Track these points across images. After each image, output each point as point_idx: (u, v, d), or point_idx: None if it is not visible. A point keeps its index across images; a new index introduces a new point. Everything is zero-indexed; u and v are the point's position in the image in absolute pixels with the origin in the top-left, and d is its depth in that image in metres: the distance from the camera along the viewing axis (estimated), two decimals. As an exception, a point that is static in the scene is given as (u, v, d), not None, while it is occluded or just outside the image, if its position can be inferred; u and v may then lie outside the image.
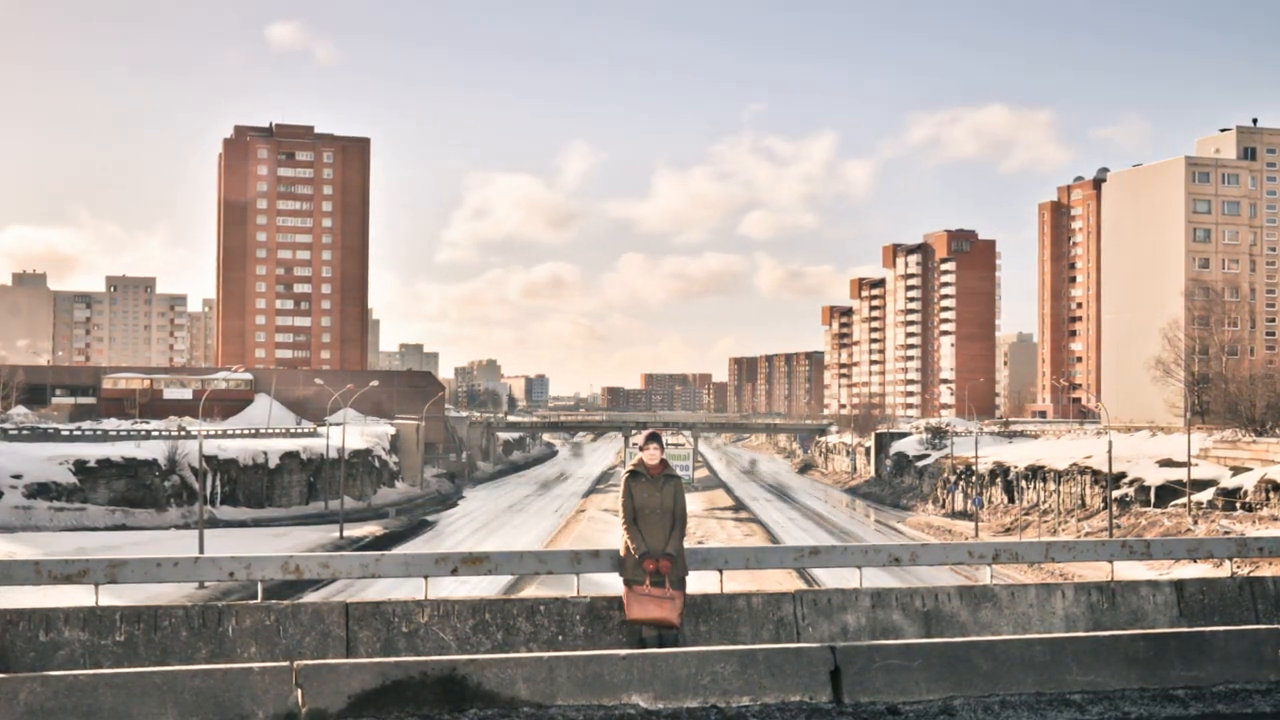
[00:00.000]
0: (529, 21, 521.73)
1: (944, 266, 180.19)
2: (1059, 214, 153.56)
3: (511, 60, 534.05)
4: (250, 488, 78.28)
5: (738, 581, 30.43)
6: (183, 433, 79.62)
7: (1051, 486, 73.68)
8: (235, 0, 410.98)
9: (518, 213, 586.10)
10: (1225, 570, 13.60)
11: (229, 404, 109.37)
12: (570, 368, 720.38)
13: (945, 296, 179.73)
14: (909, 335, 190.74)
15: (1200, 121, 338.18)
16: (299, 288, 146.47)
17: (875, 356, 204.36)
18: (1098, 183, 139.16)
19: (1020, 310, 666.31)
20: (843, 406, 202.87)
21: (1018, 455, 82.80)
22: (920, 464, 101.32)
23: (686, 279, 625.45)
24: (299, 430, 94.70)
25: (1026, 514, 74.64)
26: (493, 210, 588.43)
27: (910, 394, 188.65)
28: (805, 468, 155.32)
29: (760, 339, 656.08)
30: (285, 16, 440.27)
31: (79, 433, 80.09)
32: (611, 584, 10.04)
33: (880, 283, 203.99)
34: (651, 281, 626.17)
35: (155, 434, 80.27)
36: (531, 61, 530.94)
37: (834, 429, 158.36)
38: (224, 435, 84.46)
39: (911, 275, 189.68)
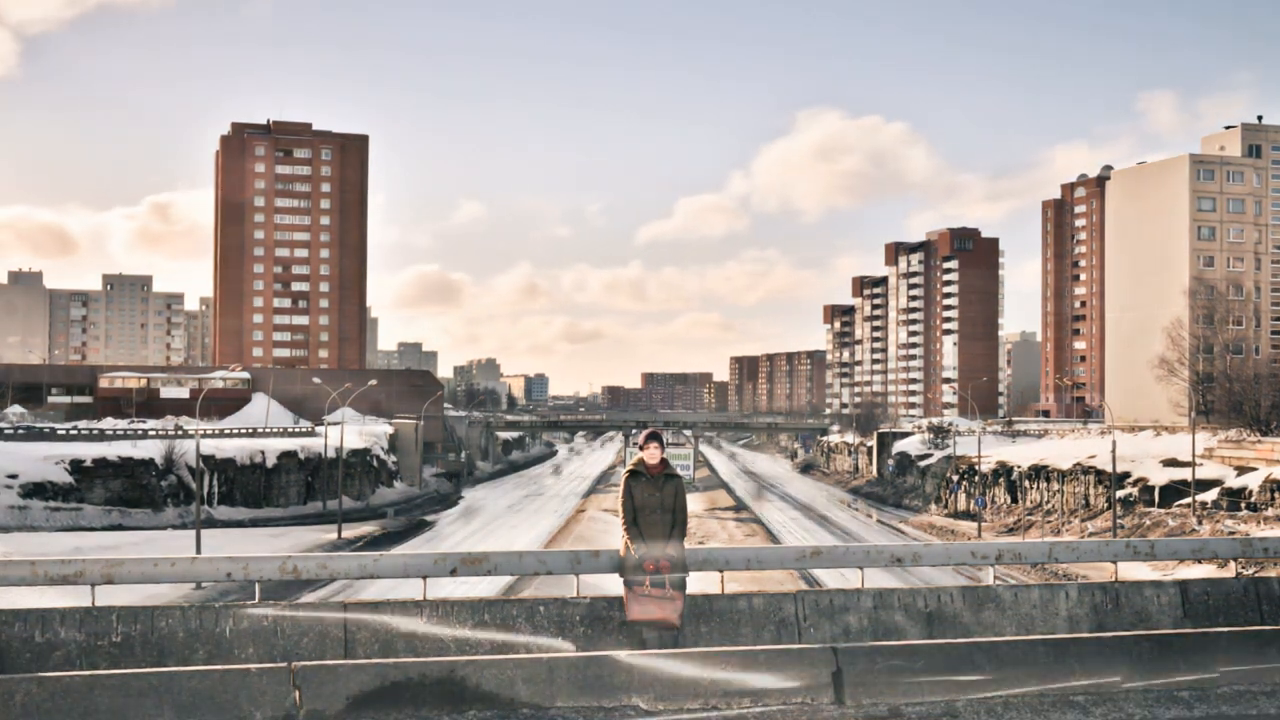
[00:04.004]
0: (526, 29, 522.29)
1: (946, 265, 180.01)
2: (1062, 212, 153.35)
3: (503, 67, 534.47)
4: (248, 487, 78.12)
5: (739, 582, 30.36)
6: (179, 432, 79.51)
7: (1055, 486, 73.59)
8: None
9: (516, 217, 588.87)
10: (1230, 571, 13.55)
11: (226, 403, 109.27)
12: (570, 367, 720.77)
13: (948, 295, 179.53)
14: (911, 334, 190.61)
15: (1204, 119, 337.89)
16: (297, 286, 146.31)
17: (877, 356, 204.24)
18: (1101, 180, 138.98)
19: (1023, 309, 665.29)
20: (844, 406, 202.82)
21: (1021, 455, 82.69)
22: (923, 464, 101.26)
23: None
24: (297, 430, 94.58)
25: (1030, 514, 74.54)
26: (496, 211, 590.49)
27: (912, 393, 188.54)
28: (807, 467, 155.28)
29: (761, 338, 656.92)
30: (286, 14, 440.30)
31: (75, 432, 79.86)
32: (611, 584, 9.99)
33: (882, 281, 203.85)
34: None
35: (152, 433, 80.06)
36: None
37: (836, 428, 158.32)
38: (221, 435, 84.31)
39: (914, 274, 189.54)
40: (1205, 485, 58.73)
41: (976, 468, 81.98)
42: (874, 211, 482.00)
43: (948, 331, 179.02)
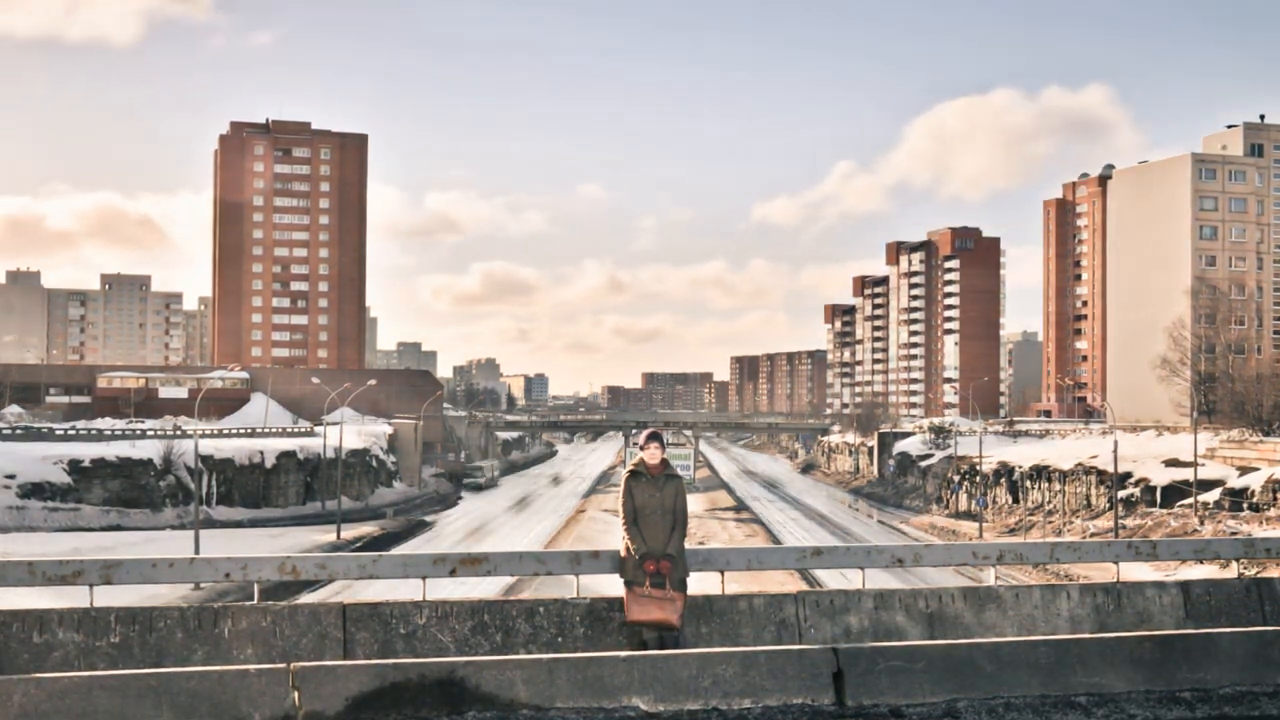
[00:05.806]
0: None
1: (947, 264, 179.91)
2: (1064, 211, 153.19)
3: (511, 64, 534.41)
4: (246, 488, 78.06)
5: (739, 582, 30.36)
6: (178, 432, 79.50)
7: (1056, 487, 73.58)
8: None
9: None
10: (1232, 571, 13.50)
11: (225, 403, 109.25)
12: (570, 367, 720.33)
13: (949, 295, 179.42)
14: (912, 334, 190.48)
15: (1207, 118, 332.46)
16: (296, 285, 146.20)
17: (878, 355, 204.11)
18: (1103, 180, 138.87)
19: (1025, 309, 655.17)
20: (845, 406, 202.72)
21: (1022, 455, 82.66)
22: (924, 464, 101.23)
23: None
24: (296, 430, 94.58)
25: (1031, 514, 74.54)
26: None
27: (913, 393, 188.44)
28: (808, 468, 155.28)
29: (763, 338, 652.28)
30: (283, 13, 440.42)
31: (73, 432, 79.87)
32: (611, 585, 9.96)
33: (883, 281, 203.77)
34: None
35: (150, 433, 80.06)
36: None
37: (836, 429, 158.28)
38: (220, 435, 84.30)
39: (915, 273, 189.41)
40: (1207, 485, 58.72)
41: (978, 468, 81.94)
42: (1040, 192, 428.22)
43: (949, 331, 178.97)
